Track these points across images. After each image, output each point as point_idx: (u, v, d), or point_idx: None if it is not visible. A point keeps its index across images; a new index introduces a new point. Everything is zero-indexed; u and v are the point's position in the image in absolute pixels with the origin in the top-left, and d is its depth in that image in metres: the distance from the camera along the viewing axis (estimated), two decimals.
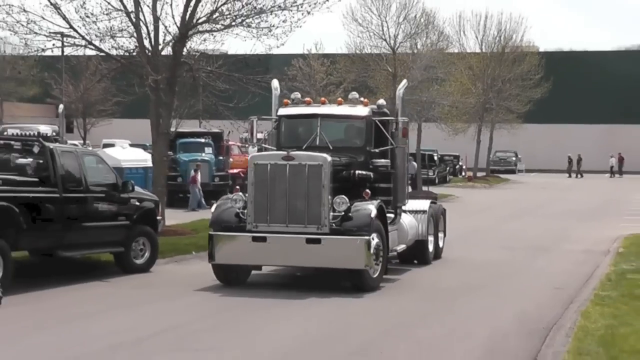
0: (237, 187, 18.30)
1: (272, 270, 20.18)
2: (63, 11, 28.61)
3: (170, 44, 29.59)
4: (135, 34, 29.11)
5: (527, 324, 14.57)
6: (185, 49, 29.84)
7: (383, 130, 19.77)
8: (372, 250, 17.41)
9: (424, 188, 51.00)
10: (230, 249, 17.91)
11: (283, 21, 29.87)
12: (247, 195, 18.12)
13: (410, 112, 51.00)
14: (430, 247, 22.42)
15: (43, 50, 31.71)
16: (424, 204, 22.97)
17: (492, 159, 78.32)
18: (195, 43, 30.47)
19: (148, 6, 29.14)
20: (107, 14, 29.13)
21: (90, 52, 32.91)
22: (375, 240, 17.61)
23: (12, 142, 19.22)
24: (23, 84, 76.56)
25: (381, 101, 20.75)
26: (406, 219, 20.94)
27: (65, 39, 31.17)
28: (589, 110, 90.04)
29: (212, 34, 30.53)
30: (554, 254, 24.87)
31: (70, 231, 18.12)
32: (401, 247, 20.27)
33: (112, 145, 48.85)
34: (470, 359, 12.31)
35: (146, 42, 29.07)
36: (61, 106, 30.51)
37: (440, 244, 23.58)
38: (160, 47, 29.39)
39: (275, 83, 21.80)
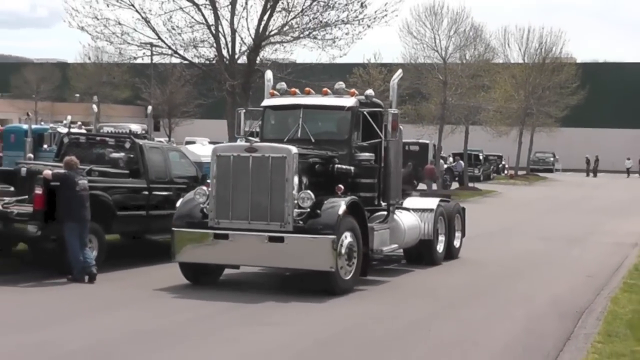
0: (208, 181, 16.05)
1: (263, 270, 17.38)
2: (152, 24, 29.14)
3: (246, 53, 29.89)
4: (215, 45, 29.47)
5: (561, 308, 14.39)
6: (258, 58, 30.12)
7: (372, 122, 16.71)
8: (343, 250, 14.70)
9: (470, 184, 50.86)
10: (192, 246, 15.28)
11: (346, 34, 30.08)
12: (209, 189, 15.43)
13: (459, 116, 51.06)
14: (440, 247, 19.31)
15: (135, 58, 32.22)
16: (431, 203, 19.47)
17: (532, 159, 77.92)
18: (268, 52, 30.79)
19: (226, 20, 29.52)
20: (190, 27, 29.58)
21: (175, 60, 33.31)
22: (347, 239, 14.82)
23: (107, 139, 19.46)
24: (117, 88, 77.82)
25: (369, 91, 17.37)
26: (405, 218, 17.84)
27: (154, 48, 31.66)
28: (620, 115, 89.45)
29: (283, 45, 30.84)
30: (586, 245, 24.54)
31: (156, 217, 18.27)
32: (392, 248, 17.31)
33: (193, 142, 49.20)
34: (510, 337, 12.20)
35: (224, 52, 29.41)
36: (149, 107, 30.73)
37: (456, 243, 20.49)
38: (236, 56, 29.70)
39: (268, 74, 18.77)
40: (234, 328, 12.23)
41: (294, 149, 14.98)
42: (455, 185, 51.13)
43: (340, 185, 15.35)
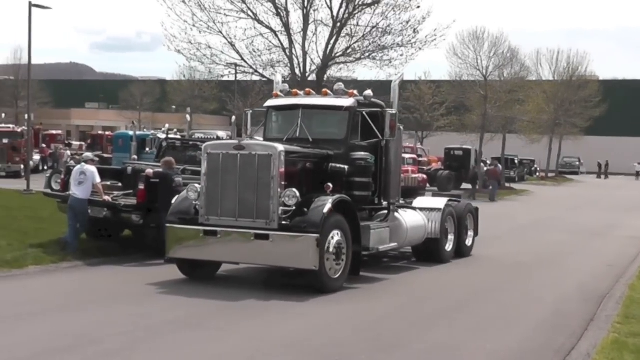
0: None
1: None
2: (237, 48, 29.35)
3: (315, 72, 29.90)
4: (289, 65, 29.55)
5: (585, 293, 14.11)
6: (325, 76, 30.12)
7: (370, 122, 14.66)
8: (331, 249, 12.78)
9: (507, 185, 50.27)
10: (183, 242, 13.47)
11: (400, 55, 29.96)
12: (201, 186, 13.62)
13: (497, 125, 50.62)
14: (449, 246, 17.26)
15: (222, 76, 32.54)
16: (438, 202, 17.36)
17: (560, 163, 76.87)
18: (333, 71, 30.82)
19: (299, 44, 29.58)
20: (269, 50, 29.74)
21: (255, 78, 33.48)
22: (335, 238, 12.87)
23: (198, 143, 19.60)
24: (207, 101, 78.46)
25: (368, 92, 15.19)
26: (409, 217, 15.76)
27: (238, 68, 31.86)
28: (634, 126, 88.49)
29: (346, 64, 30.81)
30: (607, 238, 24.05)
31: None
32: (391, 246, 15.08)
33: None
34: (542, 317, 11.98)
35: (297, 71, 29.46)
36: (233, 117, 31.07)
37: (468, 242, 18.25)
38: (307, 74, 29.72)
39: (277, 77, 17.08)
40: (299, 306, 12.13)
41: (279, 147, 13.08)
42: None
43: (329, 184, 13.33)
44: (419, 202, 17.30)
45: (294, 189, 12.83)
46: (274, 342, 9.74)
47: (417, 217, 16.28)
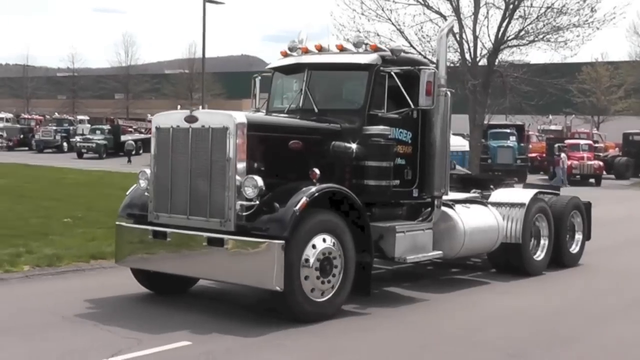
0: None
1: None
2: (406, 34, 29.38)
3: (486, 56, 29.44)
4: (459, 50, 29.22)
5: None
6: (497, 60, 29.61)
7: (400, 86, 10.80)
8: (312, 260, 9.33)
9: None
10: (132, 246, 10.47)
11: (577, 36, 29.10)
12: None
13: None
14: (540, 254, 13.61)
15: None
16: (522, 195, 13.42)
17: None
18: (505, 55, 30.32)
19: (469, 28, 29.28)
20: None
21: None
22: (322, 245, 9.49)
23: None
24: None
25: (396, 45, 11.95)
26: (470, 216, 12.08)
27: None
28: None
29: (519, 48, 30.18)
30: None
31: None
32: (429, 256, 11.40)
33: None
34: None
35: (467, 55, 29.12)
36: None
37: (574, 249, 14.55)
38: (477, 59, 29.34)
39: (302, 34, 12.38)
40: (466, 298, 11.99)
41: (239, 117, 9.65)
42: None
43: (315, 170, 9.73)
44: (497, 195, 13.56)
45: (255, 176, 9.43)
46: (443, 334, 9.64)
47: (485, 215, 12.62)
